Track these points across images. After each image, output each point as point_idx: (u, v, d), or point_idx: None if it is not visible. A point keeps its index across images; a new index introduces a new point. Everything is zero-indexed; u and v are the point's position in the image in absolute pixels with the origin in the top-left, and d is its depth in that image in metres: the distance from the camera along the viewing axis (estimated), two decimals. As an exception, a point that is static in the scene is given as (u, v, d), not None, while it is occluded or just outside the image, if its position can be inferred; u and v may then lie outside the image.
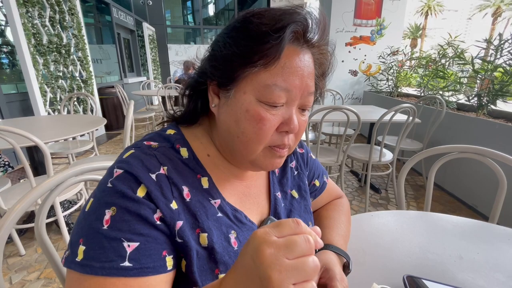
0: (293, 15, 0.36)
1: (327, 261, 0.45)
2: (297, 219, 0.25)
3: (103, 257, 0.31)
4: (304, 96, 0.39)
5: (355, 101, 4.39)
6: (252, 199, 0.48)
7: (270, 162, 0.41)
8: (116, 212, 0.33)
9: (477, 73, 2.34)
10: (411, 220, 0.73)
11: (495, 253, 0.59)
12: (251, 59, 0.36)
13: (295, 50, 0.37)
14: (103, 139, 4.03)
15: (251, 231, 0.44)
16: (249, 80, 0.37)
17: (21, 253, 1.53)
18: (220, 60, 0.38)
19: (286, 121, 0.38)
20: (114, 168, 0.36)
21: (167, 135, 0.43)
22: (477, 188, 2.06)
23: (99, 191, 0.36)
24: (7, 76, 3.00)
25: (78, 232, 0.34)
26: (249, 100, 0.37)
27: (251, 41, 0.36)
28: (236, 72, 0.37)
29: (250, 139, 0.38)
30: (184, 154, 0.42)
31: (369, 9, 3.97)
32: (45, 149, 1.17)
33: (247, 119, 0.37)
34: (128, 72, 6.66)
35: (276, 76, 0.36)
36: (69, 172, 0.58)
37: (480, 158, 0.83)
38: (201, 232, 0.38)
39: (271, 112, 0.37)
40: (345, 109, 1.71)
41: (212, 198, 0.42)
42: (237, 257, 0.28)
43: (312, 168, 0.60)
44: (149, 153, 0.39)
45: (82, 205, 1.77)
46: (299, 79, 0.37)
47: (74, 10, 3.41)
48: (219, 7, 10.17)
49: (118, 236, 0.32)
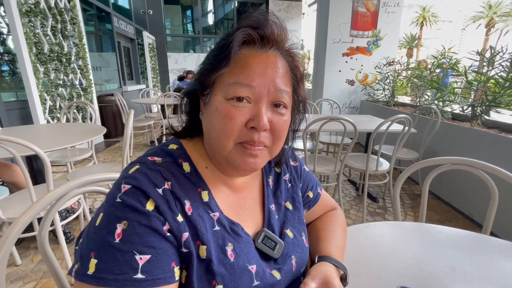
0: (244, 21, 0.43)
1: (327, 273, 0.46)
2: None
3: (116, 269, 0.33)
4: (272, 92, 0.41)
5: (352, 110, 4.44)
6: (247, 211, 0.50)
7: (242, 160, 0.42)
8: (128, 226, 0.35)
9: (470, 84, 2.40)
10: (406, 231, 0.75)
11: (487, 265, 0.60)
12: (217, 65, 0.42)
13: (256, 52, 0.42)
14: (101, 146, 4.03)
15: (247, 243, 0.45)
16: (218, 83, 0.42)
17: (17, 263, 1.52)
18: (200, 71, 0.45)
19: (253, 117, 0.40)
20: (121, 183, 0.38)
21: (170, 150, 0.45)
22: (473, 197, 2.08)
23: (108, 205, 0.37)
24: (7, 84, 3.02)
25: (89, 245, 0.35)
26: (219, 100, 0.41)
27: (217, 50, 0.42)
28: (208, 78, 0.43)
29: (220, 134, 0.41)
30: (186, 169, 0.44)
31: (365, 21, 4.07)
32: (46, 159, 1.18)
33: (217, 117, 0.41)
34: (127, 80, 6.71)
35: (237, 75, 0.40)
36: (72, 184, 0.59)
37: (472, 170, 0.85)
38: (201, 244, 0.39)
39: (237, 108, 0.40)
40: (342, 119, 1.74)
41: (212, 211, 0.43)
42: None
43: (306, 180, 0.62)
44: (154, 169, 0.40)
45: (80, 214, 1.77)
46: (261, 76, 0.40)
47: (76, 20, 3.46)
48: (218, 17, 10.34)
49: (130, 249, 0.34)
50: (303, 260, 0.52)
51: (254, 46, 0.42)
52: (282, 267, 0.47)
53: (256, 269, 0.43)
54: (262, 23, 0.42)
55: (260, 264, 0.45)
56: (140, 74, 7.73)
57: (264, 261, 0.46)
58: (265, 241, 0.47)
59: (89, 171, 1.93)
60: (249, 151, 0.41)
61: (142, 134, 4.70)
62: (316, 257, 0.52)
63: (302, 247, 0.52)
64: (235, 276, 0.40)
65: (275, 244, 0.48)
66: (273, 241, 0.48)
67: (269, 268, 0.46)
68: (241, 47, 0.42)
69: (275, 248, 0.47)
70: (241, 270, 0.41)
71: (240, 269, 0.41)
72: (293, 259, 0.49)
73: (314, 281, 0.44)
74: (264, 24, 0.43)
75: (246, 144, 0.41)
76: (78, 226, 1.93)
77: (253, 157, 0.42)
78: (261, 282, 0.43)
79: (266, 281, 0.43)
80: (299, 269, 0.51)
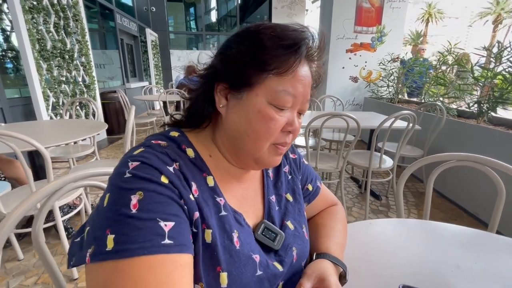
0: (303, 34, 0.42)
1: (323, 270, 0.45)
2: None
3: (140, 238, 0.31)
4: (304, 102, 0.44)
5: (355, 107, 4.40)
6: (249, 202, 0.49)
7: (272, 159, 0.45)
8: (144, 196, 0.33)
9: (477, 80, 2.35)
10: (410, 228, 0.73)
11: (493, 263, 0.58)
12: (267, 67, 0.40)
13: (302, 64, 0.42)
14: (104, 143, 4.05)
15: (248, 233, 0.44)
16: (262, 85, 0.40)
17: (20, 257, 1.53)
18: (235, 64, 0.41)
19: (290, 123, 0.43)
20: (128, 161, 0.36)
21: (172, 136, 0.44)
22: (478, 195, 2.05)
23: (117, 182, 0.35)
24: (11, 81, 3.04)
25: (102, 224, 0.32)
26: (261, 102, 0.41)
27: (269, 51, 0.39)
28: (251, 76, 0.40)
29: (260, 137, 0.42)
30: (190, 154, 0.43)
31: (370, 17, 4.01)
32: (46, 154, 1.18)
33: (258, 119, 0.41)
34: (130, 77, 6.72)
35: (286, 83, 0.40)
36: (68, 177, 0.58)
37: (479, 166, 0.83)
38: (207, 228, 0.39)
39: (279, 114, 0.42)
40: (344, 115, 1.72)
41: (218, 196, 0.43)
42: None
43: (305, 173, 0.61)
44: (161, 151, 0.39)
45: (82, 210, 1.77)
46: (303, 87, 0.42)
47: (78, 17, 3.46)
48: (221, 14, 10.29)
49: (152, 217, 0.32)
50: (304, 253, 0.51)
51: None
52: (284, 258, 0.47)
53: (260, 258, 0.43)
54: (318, 38, 0.44)
55: (262, 254, 0.44)
56: (143, 71, 7.74)
57: (265, 252, 0.45)
58: (265, 233, 0.47)
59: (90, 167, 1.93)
60: (279, 151, 0.45)
61: (145, 131, 4.70)
62: (314, 255, 0.51)
63: (302, 239, 0.52)
64: (240, 263, 0.40)
65: (275, 236, 0.47)
66: (273, 233, 0.47)
67: (270, 259, 0.45)
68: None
69: (276, 240, 0.47)
70: (246, 258, 0.41)
71: (245, 257, 0.41)
72: (294, 250, 0.49)
73: (310, 280, 0.43)
74: (319, 39, 0.44)
75: (279, 145, 0.44)
76: (80, 222, 1.94)
77: (280, 155, 0.46)
78: (264, 272, 0.42)
79: (269, 272, 0.43)
80: (300, 262, 0.50)
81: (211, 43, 9.75)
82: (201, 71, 0.47)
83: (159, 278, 0.30)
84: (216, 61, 0.44)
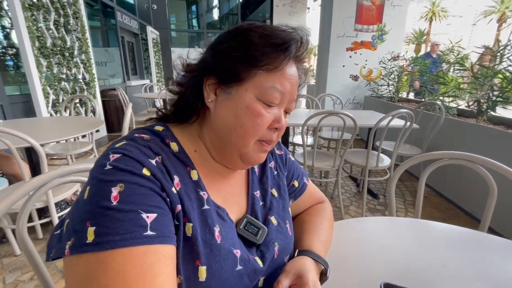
0: (292, 34, 0.43)
1: (301, 267, 0.44)
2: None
3: (121, 230, 0.30)
4: (290, 101, 0.45)
5: (355, 106, 4.38)
6: (233, 197, 0.49)
7: (257, 156, 0.46)
8: (125, 188, 0.33)
9: (476, 79, 2.33)
10: (399, 226, 0.72)
11: (480, 262, 0.58)
12: (257, 62, 0.41)
13: (291, 63, 0.44)
14: (104, 140, 4.06)
15: (230, 228, 0.44)
16: (252, 80, 0.41)
17: (16, 253, 1.54)
18: (227, 59, 0.42)
19: (277, 119, 0.44)
20: (108, 154, 0.36)
21: (156, 130, 0.44)
22: (476, 195, 2.03)
23: (97, 174, 0.34)
24: (11, 78, 3.05)
25: (81, 217, 0.32)
26: (250, 98, 0.41)
27: (260, 48, 0.40)
28: (242, 72, 0.41)
29: (248, 132, 0.42)
30: (174, 148, 0.43)
31: (370, 15, 3.98)
32: (40, 150, 1.18)
33: (247, 114, 0.41)
34: (131, 75, 6.73)
35: (275, 79, 0.42)
36: (54, 173, 0.58)
37: (471, 164, 0.82)
38: (188, 222, 0.39)
39: (266, 110, 0.42)
40: (341, 113, 1.71)
41: (201, 190, 0.43)
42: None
43: (291, 169, 0.61)
44: (144, 144, 0.39)
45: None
46: (290, 86, 0.43)
47: (78, 14, 3.46)
48: (223, 12, 10.26)
49: (134, 209, 0.32)
50: (286, 249, 0.51)
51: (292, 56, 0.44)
52: (265, 254, 0.47)
53: (241, 253, 0.43)
54: (305, 40, 0.45)
55: (243, 250, 0.44)
56: (144, 69, 7.74)
57: (247, 248, 0.45)
58: (248, 227, 0.47)
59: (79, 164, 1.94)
60: (264, 148, 0.45)
61: (145, 129, 4.71)
62: (296, 252, 0.51)
63: (285, 235, 0.52)
64: (220, 258, 0.40)
65: (257, 230, 0.47)
66: (255, 227, 0.47)
67: (252, 254, 0.45)
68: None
69: (258, 234, 0.47)
70: (226, 253, 0.41)
71: (226, 252, 0.41)
72: (276, 246, 0.49)
73: (288, 277, 0.43)
74: (307, 41, 0.45)
75: (264, 142, 0.45)
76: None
77: (265, 152, 0.47)
78: (244, 267, 0.42)
79: (249, 267, 0.43)
80: (282, 257, 0.50)
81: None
82: (189, 66, 0.47)
83: (140, 269, 0.30)
84: (207, 56, 0.45)
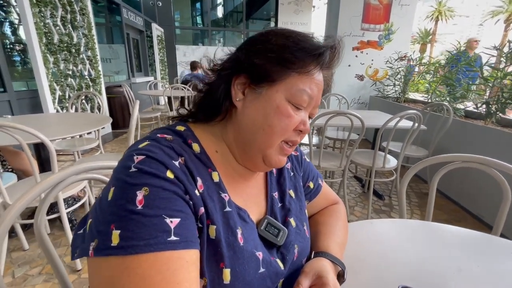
0: (327, 41, 0.45)
1: (321, 268, 0.45)
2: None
3: (145, 235, 0.31)
4: (315, 106, 0.47)
5: (361, 106, 4.36)
6: (253, 198, 0.49)
7: (278, 158, 0.46)
8: (150, 192, 0.33)
9: (486, 80, 2.30)
10: (411, 229, 0.72)
11: (495, 266, 0.57)
12: (292, 65, 0.42)
13: (321, 70, 0.45)
14: (109, 137, 4.08)
15: (252, 230, 0.45)
16: (283, 82, 0.42)
17: (25, 247, 1.56)
18: (261, 59, 0.42)
19: (303, 122, 0.45)
20: (133, 155, 0.36)
21: (178, 130, 0.44)
22: (483, 197, 2.02)
23: (121, 176, 0.34)
24: (19, 74, 3.07)
25: (106, 219, 0.32)
26: (280, 99, 0.42)
27: (295, 52, 0.42)
28: (275, 73, 0.42)
29: (275, 132, 0.43)
30: (196, 149, 0.43)
31: (377, 14, 3.95)
32: (51, 146, 1.19)
33: (276, 114, 0.42)
34: (136, 72, 6.74)
35: (306, 83, 0.43)
36: (70, 170, 0.59)
37: (484, 168, 0.81)
38: (211, 224, 0.39)
39: (295, 112, 0.43)
40: (349, 114, 1.70)
41: (223, 192, 0.43)
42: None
43: (307, 170, 0.61)
44: (167, 145, 0.39)
45: (86, 202, 1.80)
46: (318, 91, 0.44)
47: (85, 11, 3.47)
48: (227, 9, 10.23)
49: (158, 213, 0.32)
50: (304, 251, 0.51)
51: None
52: (286, 256, 0.47)
53: (263, 256, 0.43)
54: (338, 48, 0.46)
55: (265, 251, 0.44)
56: (149, 66, 7.76)
57: (268, 249, 0.46)
58: (268, 228, 0.47)
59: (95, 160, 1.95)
60: (285, 151, 0.46)
61: (149, 126, 4.73)
62: (313, 253, 0.51)
63: (304, 237, 0.52)
64: (243, 260, 0.40)
65: (278, 231, 0.47)
66: (276, 228, 0.48)
67: (273, 256, 0.45)
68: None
69: (279, 235, 0.47)
70: (249, 255, 0.41)
71: (249, 254, 0.41)
72: (296, 248, 0.49)
73: (308, 278, 0.43)
74: (339, 50, 0.46)
75: (287, 144, 0.45)
76: (83, 214, 1.96)
77: (285, 156, 0.47)
78: (266, 270, 0.42)
79: (271, 269, 0.43)
80: (301, 259, 0.50)
81: (217, 38, 9.72)
82: (216, 66, 0.47)
83: (164, 275, 0.30)
84: (239, 55, 0.45)
